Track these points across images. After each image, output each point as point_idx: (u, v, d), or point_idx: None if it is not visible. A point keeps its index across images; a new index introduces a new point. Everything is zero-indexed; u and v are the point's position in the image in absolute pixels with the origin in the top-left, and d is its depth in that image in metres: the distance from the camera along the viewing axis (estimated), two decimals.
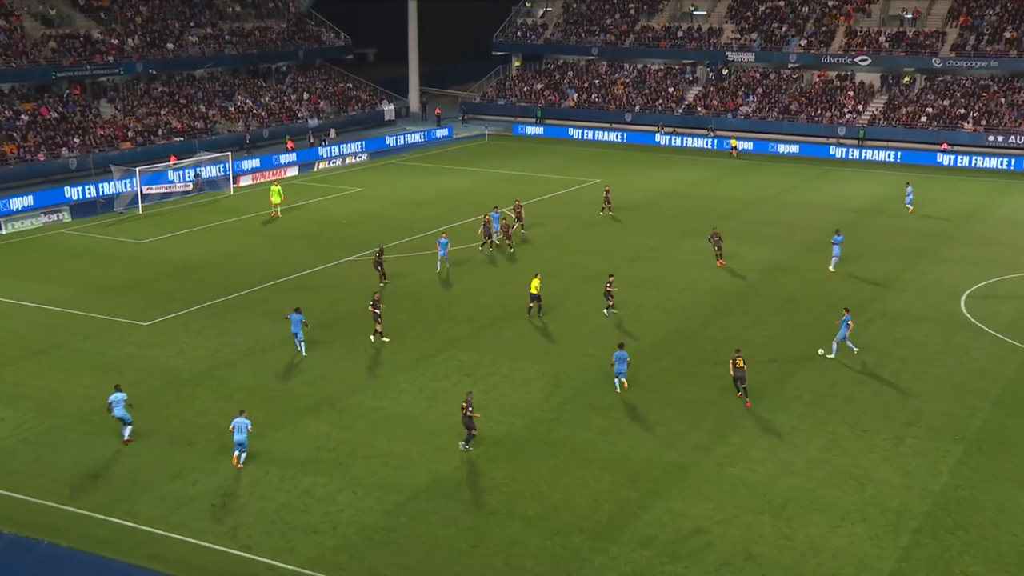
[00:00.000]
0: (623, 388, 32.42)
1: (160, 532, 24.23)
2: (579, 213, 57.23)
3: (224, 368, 34.36)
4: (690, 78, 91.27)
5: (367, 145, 78.66)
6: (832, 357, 35.02)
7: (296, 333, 35.31)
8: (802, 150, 77.97)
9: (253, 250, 49.54)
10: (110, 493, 25.99)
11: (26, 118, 68.31)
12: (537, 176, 68.84)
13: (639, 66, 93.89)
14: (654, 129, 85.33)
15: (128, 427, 28.60)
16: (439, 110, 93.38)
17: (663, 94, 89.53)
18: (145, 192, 59.19)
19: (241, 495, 25.93)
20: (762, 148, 78.72)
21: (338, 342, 36.73)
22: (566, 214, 56.96)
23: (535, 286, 39.13)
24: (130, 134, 71.73)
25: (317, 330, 37.21)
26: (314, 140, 79.29)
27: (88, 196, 60.56)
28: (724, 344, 35.81)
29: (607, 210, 56.48)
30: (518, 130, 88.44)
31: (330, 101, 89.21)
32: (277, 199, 55.90)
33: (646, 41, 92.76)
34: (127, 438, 28.59)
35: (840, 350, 35.18)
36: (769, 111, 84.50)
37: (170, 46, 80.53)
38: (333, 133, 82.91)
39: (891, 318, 39.50)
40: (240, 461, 27.53)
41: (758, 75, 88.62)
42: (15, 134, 66.41)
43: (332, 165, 73.22)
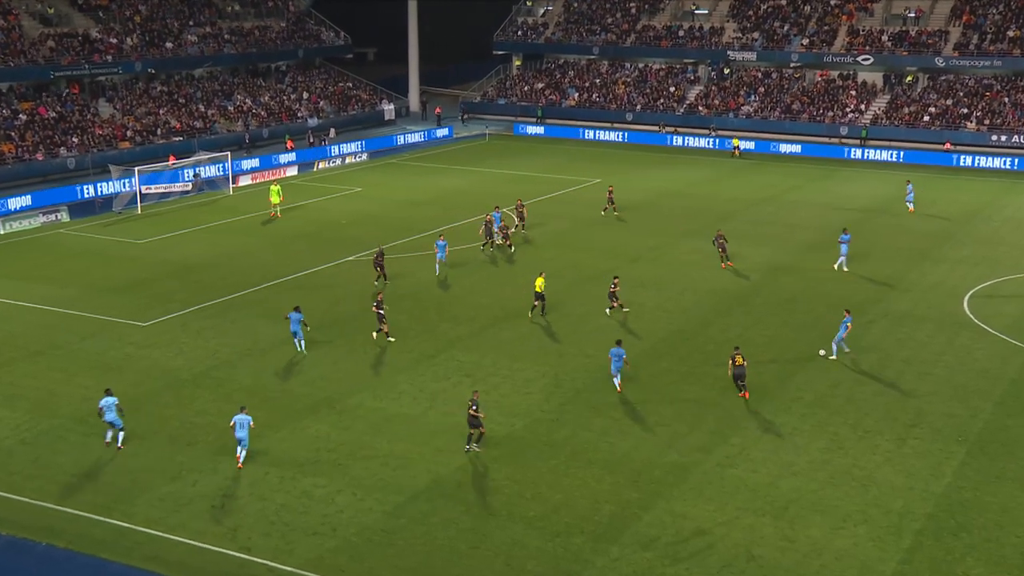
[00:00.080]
0: (619, 389, 32.36)
1: (159, 533, 24.15)
2: (580, 213, 57.12)
3: (223, 368, 34.27)
4: (691, 77, 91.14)
5: (367, 145, 78.54)
6: (833, 358, 34.91)
7: (295, 332, 35.24)
8: (804, 150, 77.84)
9: (252, 250, 49.43)
10: (108, 494, 25.90)
11: (24, 117, 68.19)
12: (538, 176, 68.72)
13: (640, 65, 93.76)
14: (655, 129, 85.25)
15: (120, 432, 28.33)
16: (439, 109, 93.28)
17: (664, 94, 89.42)
18: (144, 192, 59.06)
19: (240, 496, 25.85)
20: (764, 148, 78.58)
21: (338, 342, 36.63)
22: (567, 214, 56.84)
23: (540, 285, 39.05)
24: (129, 134, 71.61)
25: (317, 330, 37.11)
26: (313, 140, 79.18)
27: (86, 196, 60.42)
28: (725, 345, 35.67)
29: (611, 210, 56.36)
30: (519, 130, 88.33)
31: (330, 100, 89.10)
32: (276, 199, 55.81)
33: (647, 40, 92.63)
34: (119, 445, 28.29)
35: (839, 350, 35.07)
36: (771, 111, 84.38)
37: (169, 45, 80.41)
38: (333, 133, 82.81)
39: (893, 318, 39.37)
40: (240, 459, 27.44)
41: (760, 74, 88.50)
42: (13, 133, 66.28)
43: (332, 165, 73.10)
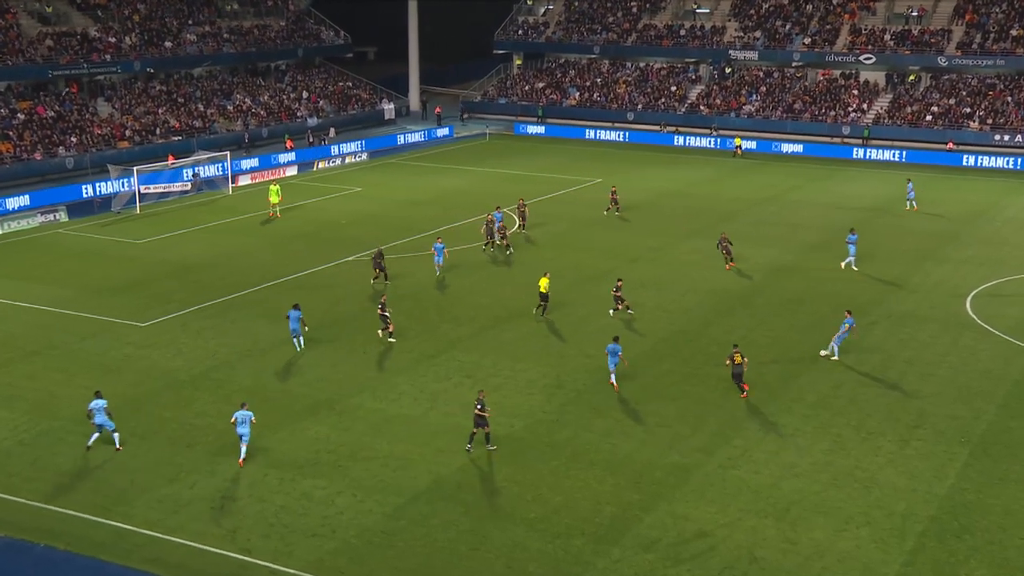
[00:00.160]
0: (612, 385, 32.54)
1: (158, 535, 24.05)
2: (581, 213, 57.00)
3: (223, 369, 34.15)
4: (693, 77, 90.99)
5: (367, 144, 78.41)
6: (835, 359, 34.77)
7: (295, 330, 35.16)
8: (806, 149, 77.68)
9: (252, 250, 49.32)
10: (107, 495, 25.81)
11: (22, 117, 68.06)
12: (538, 176, 68.60)
13: (641, 65, 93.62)
14: (657, 128, 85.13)
15: (115, 434, 28.18)
16: (439, 109, 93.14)
17: (666, 93, 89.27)
18: (143, 192, 58.90)
19: (240, 497, 25.75)
20: (765, 147, 78.44)
21: (338, 343, 36.52)
22: (568, 214, 56.72)
23: (544, 285, 38.96)
24: (128, 133, 71.48)
25: (317, 331, 37.00)
26: (313, 139, 79.03)
27: (85, 195, 60.27)
28: (727, 346, 35.38)
29: (614, 210, 56.23)
30: (519, 129, 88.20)
31: (330, 100, 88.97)
32: (275, 199, 55.68)
33: (648, 39, 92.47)
34: (118, 446, 28.17)
35: (841, 351, 34.94)
36: (773, 110, 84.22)
37: (168, 44, 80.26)
38: (332, 132, 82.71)
39: (896, 319, 39.24)
40: (242, 454, 27.49)
41: (761, 74, 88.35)
42: (11, 133, 66.14)
43: (331, 164, 72.95)
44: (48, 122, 68.83)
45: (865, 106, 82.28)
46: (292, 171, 69.38)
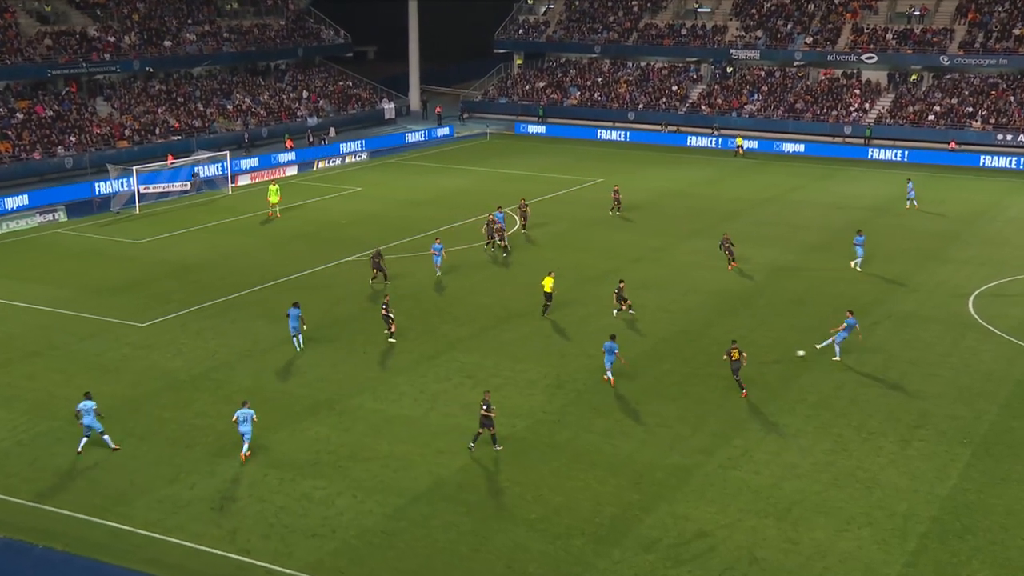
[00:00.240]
0: (607, 381, 32.71)
1: (157, 536, 23.99)
2: (582, 213, 56.90)
3: (223, 370, 34.07)
4: (694, 76, 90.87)
5: (367, 144, 78.30)
6: (836, 359, 34.67)
7: (294, 327, 35.16)
8: (808, 149, 77.56)
9: (252, 250, 49.23)
10: (106, 496, 25.73)
11: (21, 116, 67.96)
12: (539, 175, 68.51)
13: (642, 64, 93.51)
14: (658, 128, 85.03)
15: (105, 436, 28.03)
16: (439, 109, 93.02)
17: (667, 92, 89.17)
18: (142, 191, 58.78)
19: (239, 498, 25.68)
20: (767, 147, 78.33)
21: (338, 343, 36.44)
22: (568, 214, 56.62)
23: (548, 284, 38.91)
24: (127, 133, 71.38)
25: (316, 331, 36.93)
26: (313, 139, 78.92)
27: (84, 195, 60.12)
28: (729, 346, 35.38)
29: (616, 210, 56.11)
30: (520, 129, 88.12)
31: (330, 99, 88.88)
32: (275, 199, 55.59)
33: (649, 39, 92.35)
34: (114, 446, 28.05)
35: (843, 351, 34.85)
36: (774, 110, 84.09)
37: (167, 44, 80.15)
38: (333, 132, 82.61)
39: (898, 319, 39.14)
40: (244, 451, 27.53)
41: (763, 73, 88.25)
42: (10, 132, 66.03)
43: (331, 164, 72.84)
44: (47, 122, 68.74)
45: (867, 106, 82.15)
46: (292, 171, 69.29)
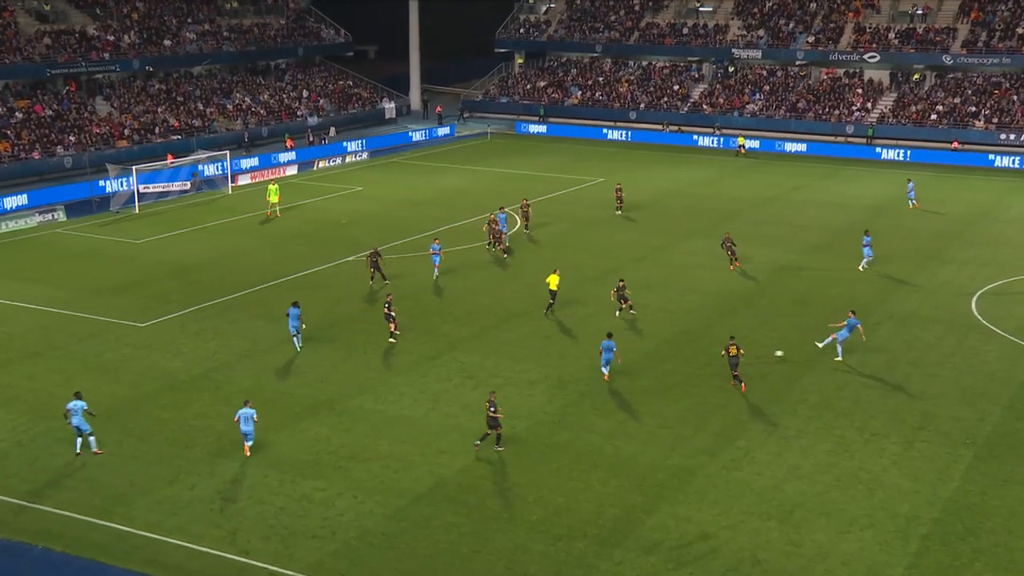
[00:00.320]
0: (606, 378, 32.88)
1: (157, 536, 23.91)
2: (583, 213, 56.79)
3: (222, 370, 33.98)
4: (696, 75, 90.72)
5: (367, 143, 78.17)
6: (839, 359, 34.55)
7: (294, 327, 35.13)
8: (809, 149, 77.40)
9: (252, 250, 49.14)
10: (106, 497, 25.64)
11: (20, 116, 67.83)
12: (540, 175, 68.40)
13: (644, 63, 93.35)
14: (659, 127, 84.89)
15: (91, 437, 27.86)
16: (440, 108, 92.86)
17: (668, 92, 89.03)
18: (142, 191, 58.63)
19: (239, 499, 25.60)
20: (769, 147, 78.18)
21: (338, 343, 36.35)
22: (570, 214, 56.50)
23: (554, 282, 38.90)
24: (126, 132, 71.26)
25: (317, 331, 36.86)
26: (313, 138, 78.80)
27: (83, 195, 59.95)
28: (727, 342, 35.28)
29: (619, 209, 56.00)
30: (521, 128, 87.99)
31: (330, 99, 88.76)
32: (275, 198, 55.48)
33: (651, 38, 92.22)
34: (95, 450, 27.87)
35: (845, 351, 34.73)
36: (776, 109, 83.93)
37: (167, 43, 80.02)
38: (333, 131, 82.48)
39: (901, 319, 39.02)
40: (247, 448, 27.71)
41: (765, 72, 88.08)
42: (9, 132, 65.91)
43: (332, 164, 72.71)
44: (46, 121, 68.62)
45: (869, 105, 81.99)
46: (292, 170, 69.18)
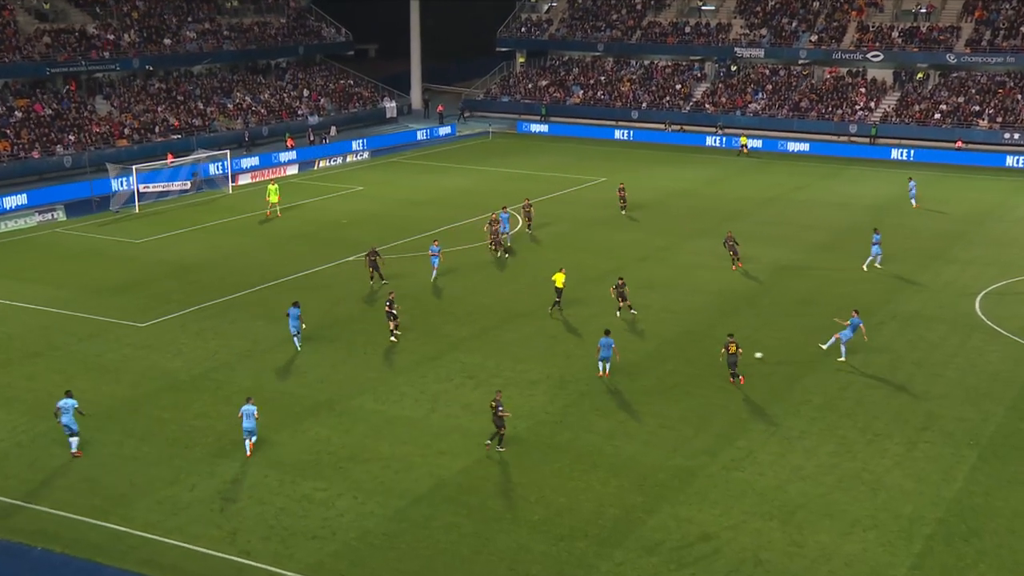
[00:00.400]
0: (605, 374, 32.94)
1: (157, 537, 23.84)
2: (585, 213, 56.67)
3: (223, 370, 33.88)
4: (698, 75, 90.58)
5: (368, 143, 78.07)
6: (842, 359, 34.41)
7: (295, 327, 35.09)
8: (812, 148, 77.23)
9: (252, 250, 49.05)
10: (106, 498, 25.57)
11: (19, 115, 67.74)
12: (542, 175, 68.28)
13: (646, 62, 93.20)
14: (661, 127, 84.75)
15: (75, 438, 27.74)
16: (441, 107, 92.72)
17: (670, 91, 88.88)
18: (142, 191, 58.50)
19: (239, 500, 25.53)
20: (771, 146, 78.02)
21: (338, 343, 36.25)
22: (571, 214, 56.37)
23: (560, 280, 38.87)
24: (126, 131, 71.17)
25: (317, 331, 36.77)
26: (314, 138, 78.69)
27: (83, 195, 59.82)
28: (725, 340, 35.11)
29: (623, 209, 55.87)
30: (522, 128, 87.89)
31: (331, 98, 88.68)
32: (274, 198, 55.36)
33: (653, 37, 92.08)
34: (73, 451, 27.75)
35: (848, 352, 34.60)
36: (779, 108, 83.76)
37: (167, 42, 79.92)
38: (334, 131, 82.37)
39: (904, 319, 38.89)
40: (250, 448, 27.72)
41: (768, 71, 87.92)
42: (8, 131, 65.81)
43: (332, 163, 72.60)
44: (46, 120, 68.54)
45: (872, 104, 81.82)
46: (293, 170, 69.10)
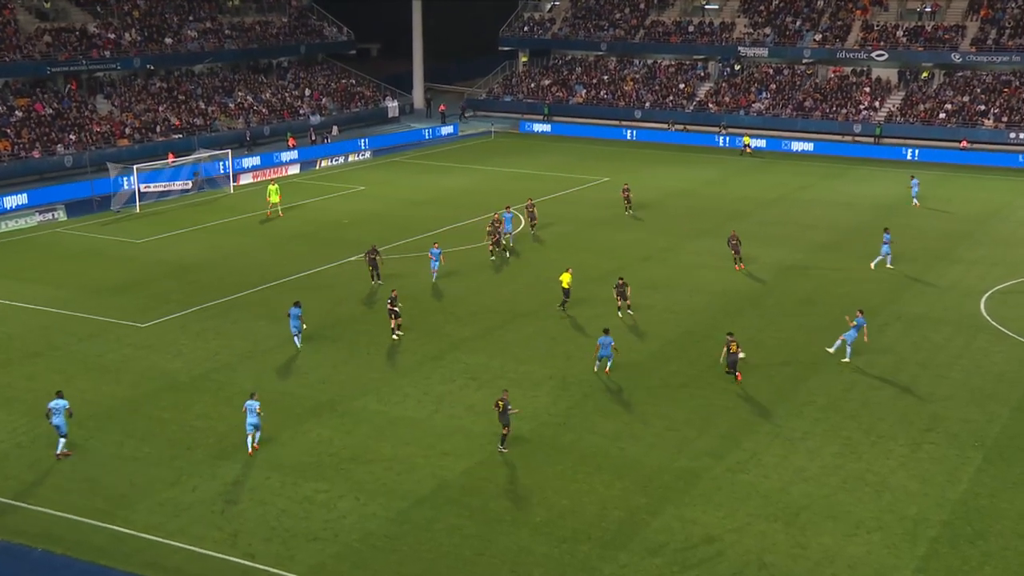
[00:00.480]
0: (605, 372, 33.03)
1: (158, 539, 23.77)
2: (588, 213, 56.55)
3: (224, 371, 33.79)
4: (701, 74, 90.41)
5: (370, 142, 77.96)
6: (846, 360, 34.27)
7: (295, 326, 35.05)
8: (816, 148, 77.04)
9: (253, 250, 48.97)
10: (107, 499, 25.50)
11: (20, 114, 67.63)
12: (544, 174, 68.17)
13: (649, 62, 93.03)
14: (665, 126, 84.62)
15: (62, 440, 27.63)
16: (443, 107, 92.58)
17: (674, 90, 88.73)
18: (143, 190, 58.39)
19: (241, 501, 25.45)
20: (775, 146, 77.83)
21: (340, 344, 36.16)
22: (574, 214, 56.25)
23: (566, 280, 38.83)
24: (127, 131, 71.08)
25: (319, 331, 36.68)
26: (316, 137, 78.60)
27: (84, 194, 59.69)
28: (726, 339, 34.96)
29: (628, 209, 55.72)
30: (525, 127, 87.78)
31: (332, 97, 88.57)
32: (275, 198, 55.24)
33: (656, 36, 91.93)
34: (59, 452, 27.62)
35: (852, 352, 34.46)
36: (783, 108, 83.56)
37: (168, 41, 79.80)
38: (335, 130, 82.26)
39: (909, 320, 38.74)
40: (255, 442, 27.87)
41: (771, 71, 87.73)
42: (9, 130, 65.70)
43: (334, 163, 72.49)
44: (46, 120, 68.43)
45: (877, 104, 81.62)
46: (295, 169, 69.00)
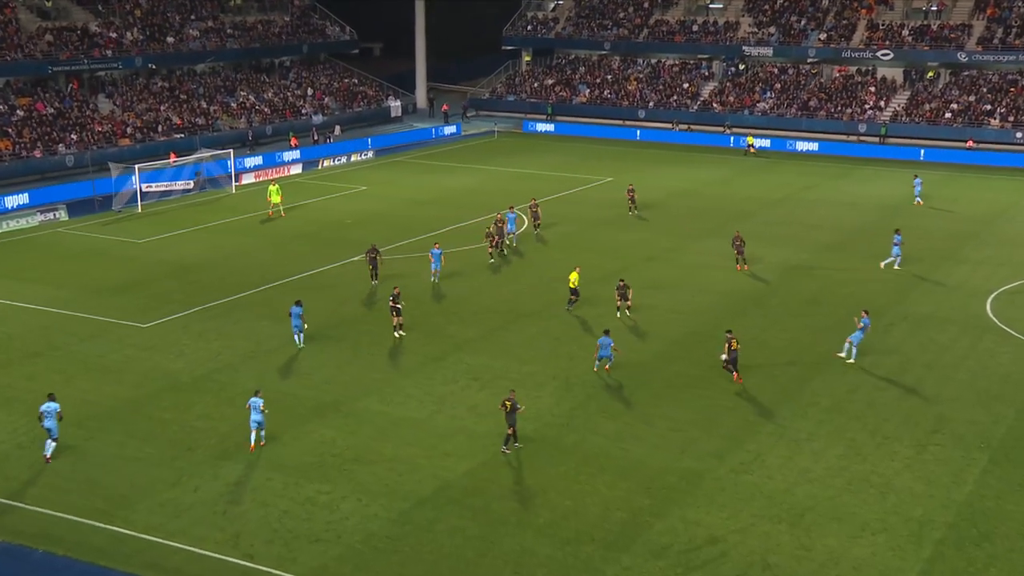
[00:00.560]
0: (604, 371, 33.07)
1: (159, 540, 23.71)
2: (591, 213, 56.44)
3: (225, 372, 33.71)
4: (706, 73, 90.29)
5: (373, 142, 77.89)
6: (851, 361, 34.12)
7: (296, 325, 35.04)
8: (821, 148, 76.89)
9: (255, 250, 48.90)
10: (108, 499, 25.43)
11: (21, 113, 67.63)
12: (548, 174, 68.07)
13: (653, 61, 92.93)
14: (668, 126, 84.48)
15: (52, 443, 27.46)
16: (446, 107, 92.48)
17: (678, 90, 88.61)
18: (144, 190, 58.31)
19: (243, 502, 25.39)
20: (780, 145, 77.71)
21: (343, 344, 36.08)
22: (578, 214, 56.13)
23: (574, 279, 38.81)
24: (129, 130, 71.06)
25: (321, 331, 36.61)
26: (318, 137, 78.54)
27: (85, 194, 59.60)
28: (740, 348, 34.88)
29: (633, 210, 55.58)
30: (528, 127, 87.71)
31: (335, 97, 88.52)
32: (276, 198, 55.15)
33: (660, 35, 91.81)
34: (47, 455, 27.44)
35: (858, 353, 34.31)
36: (787, 107, 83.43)
37: (170, 40, 79.80)
38: (338, 130, 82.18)
39: (915, 321, 38.60)
40: (259, 440, 27.98)
41: (776, 70, 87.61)
42: (10, 130, 65.68)
43: (337, 163, 72.40)
44: (48, 119, 68.41)
45: (882, 103, 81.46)
46: (297, 169, 68.93)
